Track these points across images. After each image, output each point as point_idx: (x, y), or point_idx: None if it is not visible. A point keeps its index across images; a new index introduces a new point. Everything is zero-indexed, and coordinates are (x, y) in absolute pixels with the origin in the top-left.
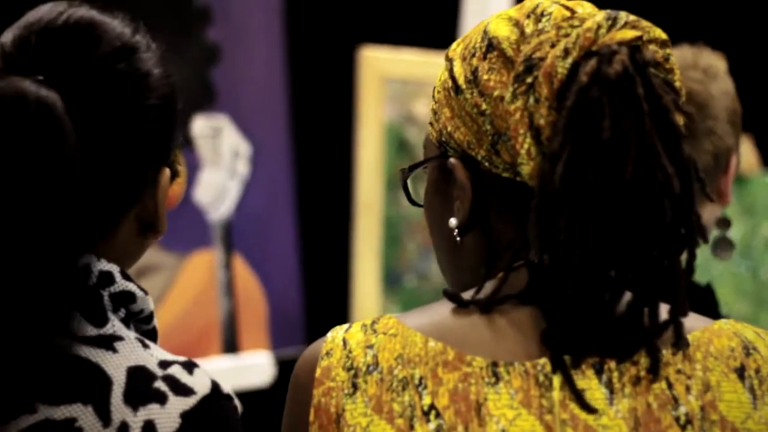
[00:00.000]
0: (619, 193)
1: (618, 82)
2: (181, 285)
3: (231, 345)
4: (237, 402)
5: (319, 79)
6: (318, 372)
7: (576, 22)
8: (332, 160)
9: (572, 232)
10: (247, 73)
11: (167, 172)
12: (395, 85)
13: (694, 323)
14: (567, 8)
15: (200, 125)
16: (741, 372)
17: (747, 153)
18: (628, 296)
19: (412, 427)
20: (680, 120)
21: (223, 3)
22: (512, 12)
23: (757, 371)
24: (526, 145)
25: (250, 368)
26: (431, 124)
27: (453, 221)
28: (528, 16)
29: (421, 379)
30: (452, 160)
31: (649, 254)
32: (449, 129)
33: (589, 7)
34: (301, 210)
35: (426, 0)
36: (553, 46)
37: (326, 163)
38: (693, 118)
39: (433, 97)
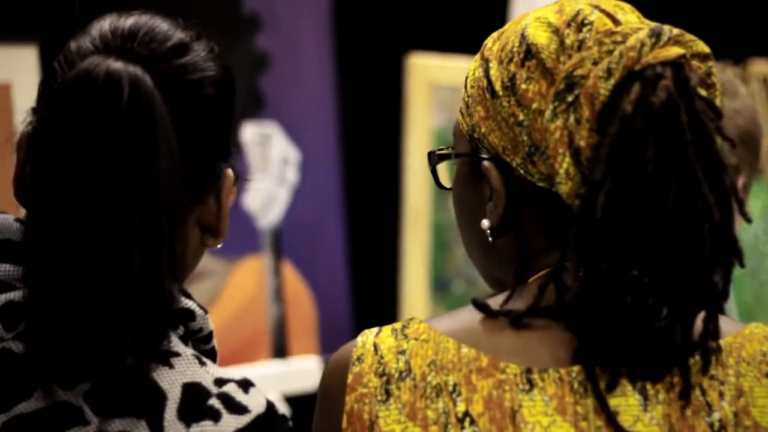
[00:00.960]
0: (660, 224)
1: (662, 111)
2: (230, 291)
3: (280, 350)
4: (290, 423)
5: (367, 86)
6: (350, 378)
7: (619, 38)
8: (381, 166)
9: (613, 260)
10: (296, 80)
11: (230, 173)
12: (443, 91)
13: (726, 327)
14: (609, 15)
15: (250, 132)
16: None
17: None
18: (662, 313)
19: None
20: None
21: (273, 10)
22: (551, 17)
23: None
24: (565, 165)
25: (300, 373)
26: (462, 114)
27: (485, 223)
28: (569, 25)
29: (455, 385)
30: (486, 163)
31: (686, 278)
32: (483, 130)
33: (630, 12)
34: (350, 216)
35: (474, 6)
36: (595, 63)
37: (375, 170)
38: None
39: (465, 87)
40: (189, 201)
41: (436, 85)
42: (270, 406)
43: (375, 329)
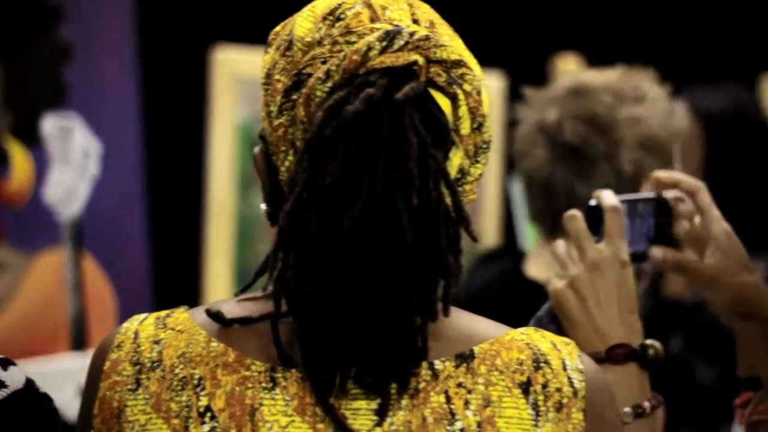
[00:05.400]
0: (340, 239)
1: (355, 121)
2: (29, 283)
3: (80, 343)
4: (54, 404)
5: (172, 79)
6: (107, 365)
7: (353, 38)
8: (185, 160)
9: (300, 269)
10: (99, 72)
11: None
12: (249, 85)
13: (487, 332)
14: (373, 10)
15: (50, 124)
16: (526, 387)
17: None
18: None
19: (186, 428)
20: (455, 154)
21: (76, 2)
22: (320, 7)
23: (544, 386)
24: (287, 163)
25: None
26: None
27: (263, 206)
28: (325, 18)
29: (200, 379)
30: (256, 148)
31: (381, 291)
32: (262, 114)
33: (408, 10)
34: (153, 210)
35: None
36: (324, 62)
37: (179, 164)
38: (591, 141)
39: None
40: None
41: (241, 79)
42: (30, 383)
43: (143, 315)
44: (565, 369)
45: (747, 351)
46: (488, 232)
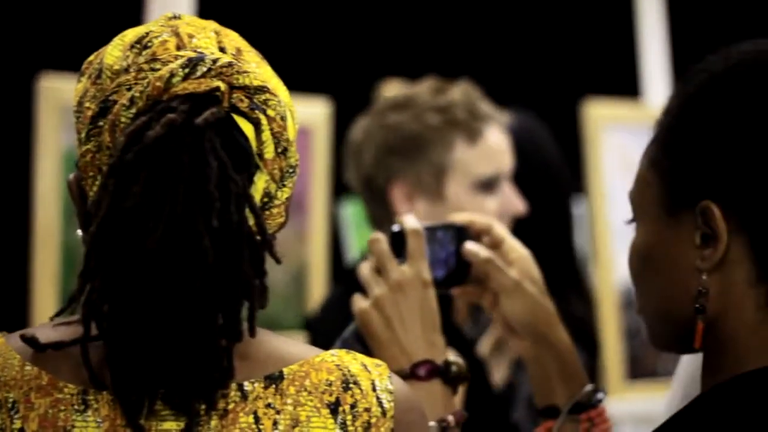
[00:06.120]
0: (144, 262)
1: (156, 147)
2: None
3: None
4: None
5: None
6: None
7: (158, 66)
8: (10, 187)
9: (106, 293)
10: None
11: None
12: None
13: (297, 354)
14: (180, 38)
15: None
16: (335, 407)
17: None
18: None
19: None
20: (260, 178)
21: None
22: (130, 35)
23: (353, 406)
24: (95, 188)
25: None
26: None
27: (79, 232)
28: (132, 46)
29: (14, 402)
30: (71, 175)
31: (196, 313)
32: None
33: (205, 38)
34: None
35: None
36: (129, 89)
37: (3, 191)
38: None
39: None
40: None
41: (66, 107)
42: None
43: None
44: (374, 390)
45: (542, 379)
46: (317, 255)
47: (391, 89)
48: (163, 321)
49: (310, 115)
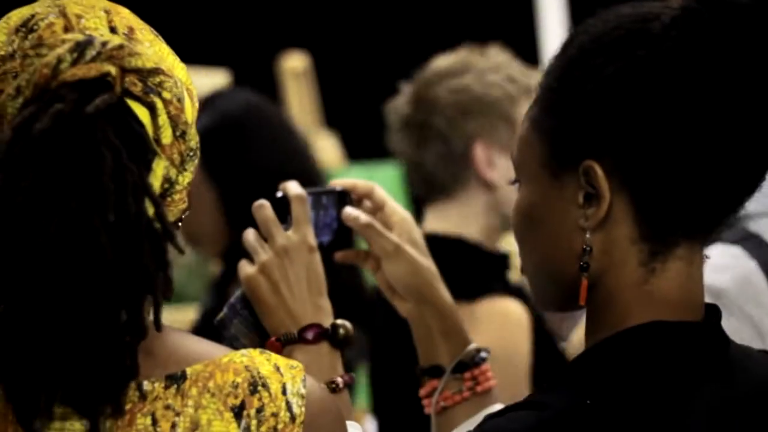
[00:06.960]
0: (39, 260)
1: (44, 140)
2: None
3: None
4: None
5: None
6: None
7: (44, 51)
8: None
9: (0, 291)
10: None
11: None
12: None
13: (203, 353)
14: (67, 19)
15: None
16: (239, 410)
17: (329, 148)
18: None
19: None
20: (159, 164)
21: None
22: (15, 18)
23: (259, 410)
24: None
25: None
26: None
27: None
28: (17, 30)
29: None
30: None
31: (81, 309)
32: None
33: (95, 18)
34: None
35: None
36: (15, 77)
37: None
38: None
39: None
40: None
41: None
42: None
43: None
44: (284, 393)
45: (425, 339)
46: None
47: (291, 61)
48: (61, 320)
49: (211, 86)
